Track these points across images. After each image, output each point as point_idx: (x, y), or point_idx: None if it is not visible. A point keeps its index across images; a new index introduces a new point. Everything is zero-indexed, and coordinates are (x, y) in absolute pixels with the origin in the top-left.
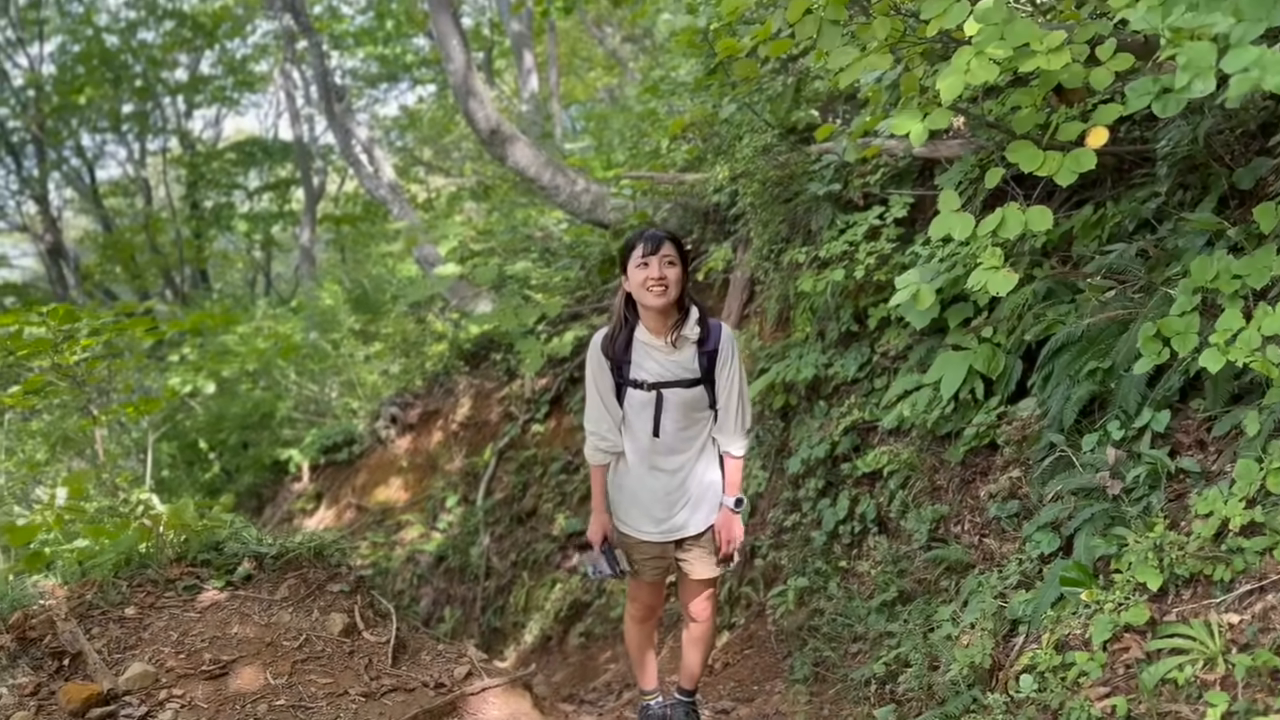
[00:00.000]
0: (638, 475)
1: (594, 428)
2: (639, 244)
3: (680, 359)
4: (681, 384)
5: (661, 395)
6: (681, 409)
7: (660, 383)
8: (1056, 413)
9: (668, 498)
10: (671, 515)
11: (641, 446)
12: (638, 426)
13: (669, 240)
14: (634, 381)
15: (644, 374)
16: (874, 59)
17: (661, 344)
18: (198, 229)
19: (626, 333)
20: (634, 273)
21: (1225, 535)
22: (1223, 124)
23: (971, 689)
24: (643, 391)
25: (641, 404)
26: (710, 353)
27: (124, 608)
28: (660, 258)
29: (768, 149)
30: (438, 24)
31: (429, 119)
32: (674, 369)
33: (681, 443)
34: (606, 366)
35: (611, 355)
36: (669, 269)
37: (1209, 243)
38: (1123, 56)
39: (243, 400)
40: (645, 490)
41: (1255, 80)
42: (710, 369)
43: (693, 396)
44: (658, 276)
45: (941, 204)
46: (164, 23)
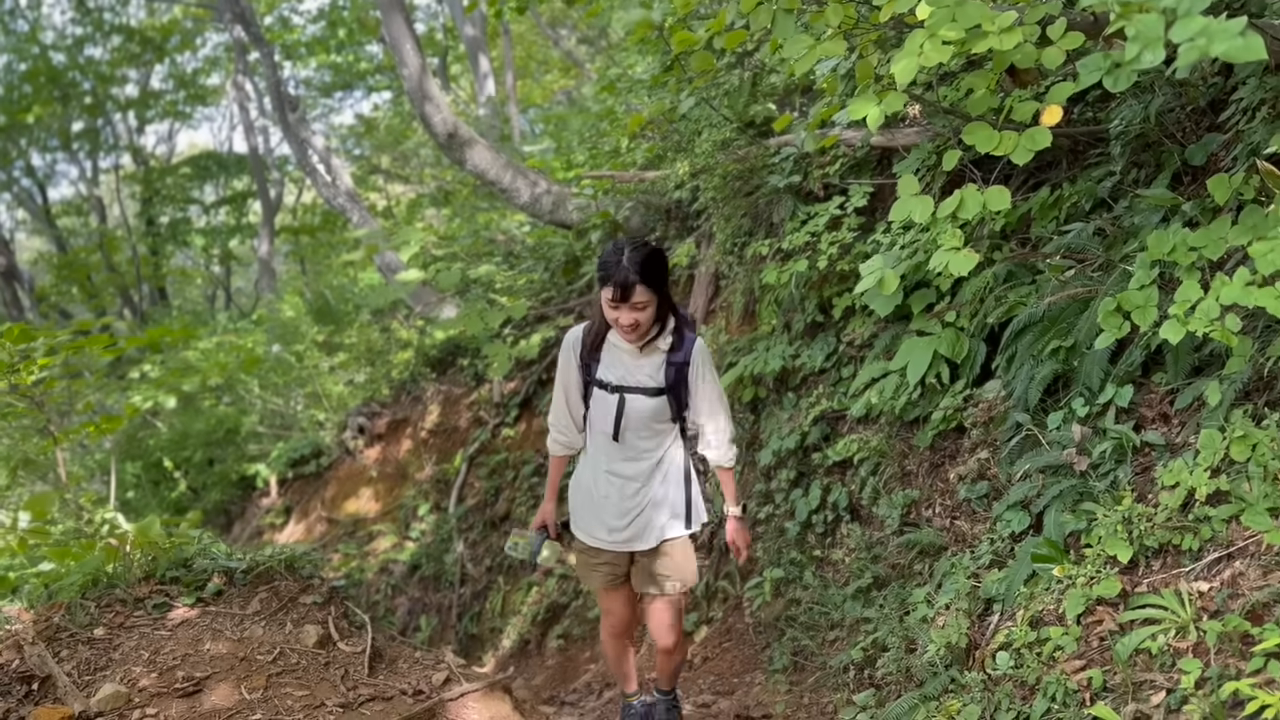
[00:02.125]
0: (594, 477)
1: (555, 421)
2: (609, 285)
3: (646, 365)
4: (645, 391)
5: (624, 398)
6: (642, 417)
7: (624, 386)
8: (1021, 393)
9: (621, 504)
10: (625, 525)
11: (601, 448)
12: (599, 427)
13: (640, 284)
14: (599, 381)
15: (610, 375)
16: (828, 46)
17: (627, 349)
18: (154, 246)
19: (602, 333)
20: (605, 306)
21: (1192, 505)
22: (1173, 102)
23: (949, 669)
24: (606, 392)
25: (605, 405)
26: (679, 365)
27: (93, 629)
28: (630, 306)
29: (727, 143)
30: (390, 28)
31: (385, 126)
32: (638, 375)
33: (641, 452)
34: (575, 363)
35: (581, 353)
36: (639, 314)
37: (1164, 218)
38: (1073, 35)
39: (207, 416)
40: (600, 494)
41: (1202, 48)
42: (676, 382)
43: (654, 406)
44: (627, 324)
45: (901, 189)
46: (111, 38)
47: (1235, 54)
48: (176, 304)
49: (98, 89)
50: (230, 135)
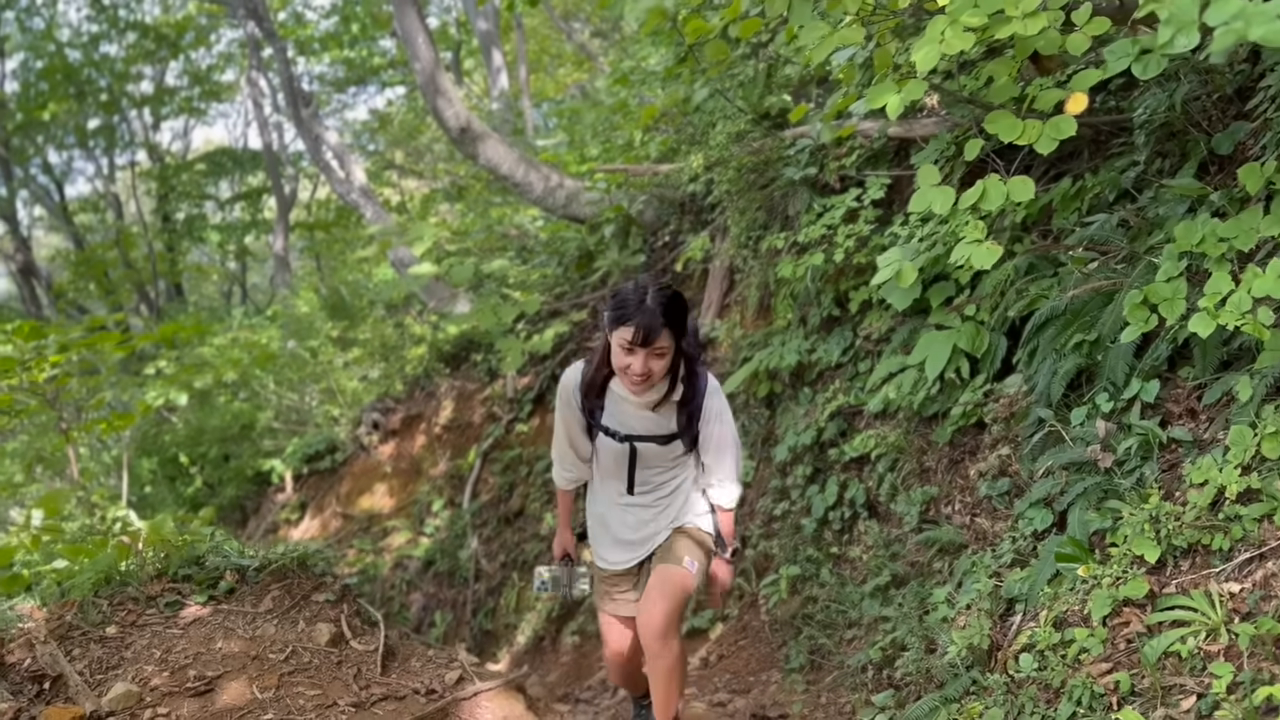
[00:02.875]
0: (607, 508)
1: (559, 460)
2: (629, 324)
3: (656, 417)
4: (656, 439)
5: (634, 448)
6: (657, 458)
7: (633, 435)
8: (1044, 388)
9: (638, 528)
10: (646, 538)
11: (612, 485)
12: (611, 472)
13: (666, 329)
14: (605, 429)
15: (615, 424)
16: (846, 34)
17: (634, 400)
18: (170, 242)
19: (602, 379)
20: (617, 350)
21: (1222, 503)
22: (1199, 90)
23: (970, 670)
24: (614, 441)
25: (613, 452)
26: (692, 411)
27: (105, 627)
28: (649, 352)
29: (741, 136)
30: (402, 22)
31: (399, 121)
32: (648, 424)
33: (656, 485)
34: (576, 407)
35: (582, 401)
36: (655, 361)
37: (1191, 209)
38: (1099, 21)
39: (222, 412)
40: (616, 520)
41: (1240, 32)
42: (690, 425)
43: (668, 450)
44: (640, 372)
45: (921, 179)
46: (126, 35)
47: (1273, 37)
48: (193, 300)
49: (113, 86)
50: (245, 131)
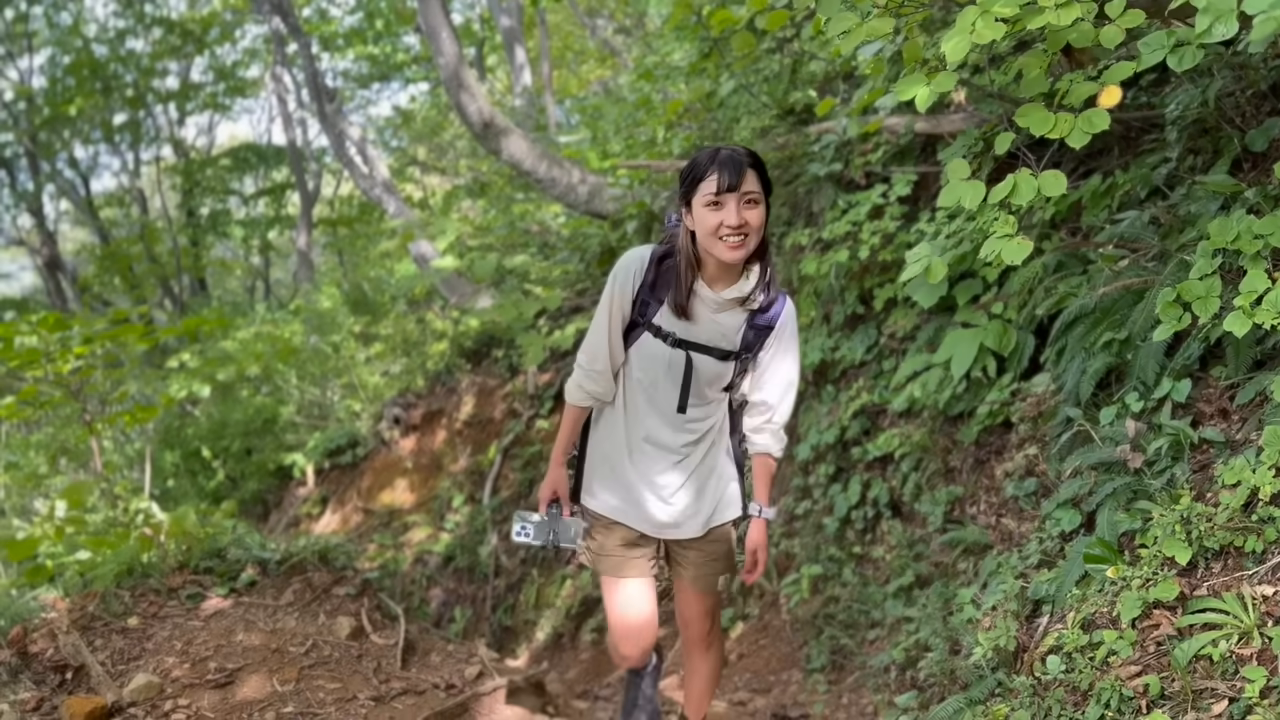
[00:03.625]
0: (625, 446)
1: (589, 362)
2: (711, 171)
3: (724, 321)
4: (714, 353)
5: (690, 358)
6: (705, 381)
7: (690, 342)
8: (1072, 387)
9: (663, 481)
10: (665, 507)
11: (640, 409)
12: (649, 388)
13: (751, 168)
14: (656, 328)
15: (674, 323)
16: (875, 25)
17: (711, 297)
18: (194, 237)
19: (695, 272)
20: (702, 214)
21: (1255, 505)
22: (1233, 85)
23: (996, 672)
24: (664, 345)
25: (660, 361)
26: (762, 328)
27: (127, 618)
28: (740, 197)
29: (766, 131)
30: (426, 17)
31: (422, 117)
32: (712, 331)
33: (690, 420)
34: (631, 293)
35: (643, 284)
36: (749, 211)
37: (1224, 206)
38: (1133, 13)
39: (245, 406)
40: (635, 469)
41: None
42: (755, 345)
43: (721, 370)
44: (735, 224)
45: (950, 173)
46: (152, 31)
47: None
48: (216, 294)
49: (139, 81)
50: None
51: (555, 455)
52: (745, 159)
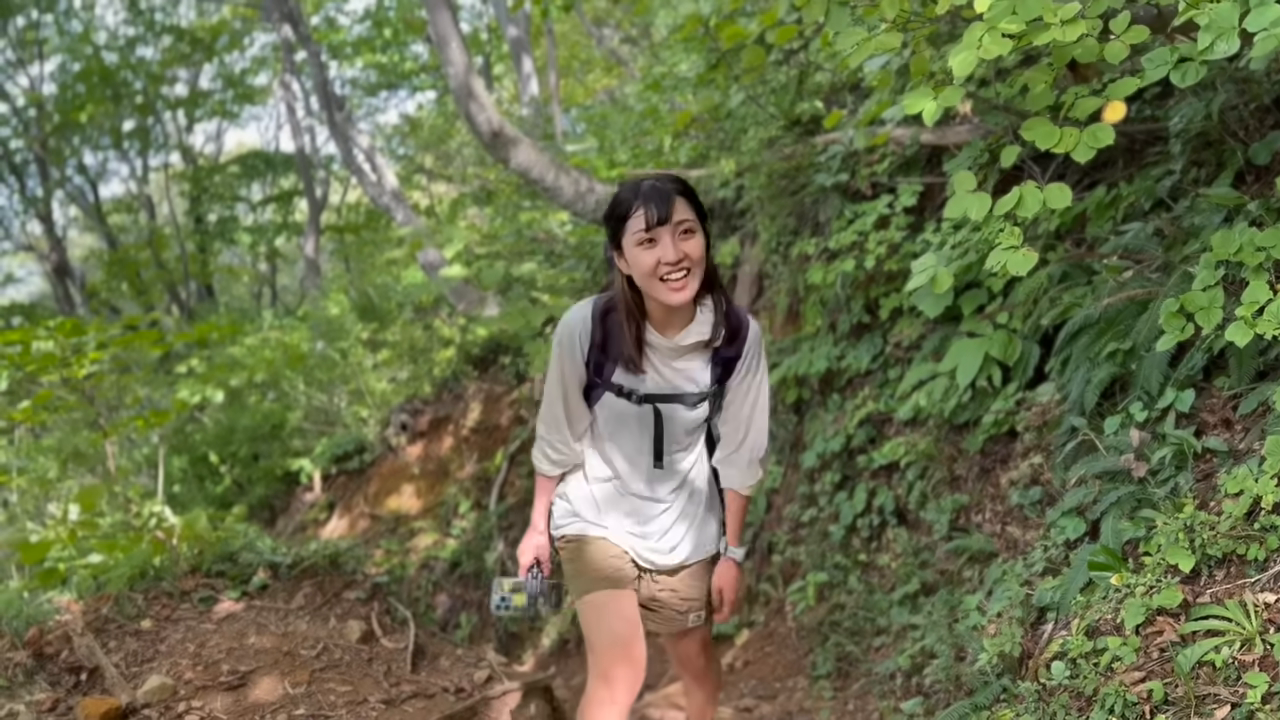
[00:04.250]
0: (598, 501)
1: (549, 433)
2: (637, 207)
3: (688, 366)
4: (686, 400)
5: (659, 413)
6: (682, 429)
7: (658, 395)
8: (1077, 396)
9: (650, 528)
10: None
11: (620, 463)
12: (625, 446)
13: (680, 195)
14: (617, 387)
15: (634, 380)
16: (884, 39)
17: (668, 345)
18: (202, 243)
19: (638, 321)
20: (636, 255)
21: (1257, 514)
22: (1236, 99)
23: (1001, 678)
24: (628, 403)
25: (628, 419)
26: (729, 360)
27: (140, 621)
28: (674, 228)
29: (773, 141)
30: (436, 26)
31: (429, 126)
32: (677, 379)
33: (675, 470)
34: (581, 357)
35: (591, 345)
36: (686, 242)
37: (1227, 218)
38: (1137, 29)
39: (252, 412)
40: (619, 514)
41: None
42: (725, 376)
43: (696, 415)
44: (674, 259)
45: (956, 185)
46: (162, 38)
47: None
48: (223, 300)
49: (148, 88)
50: (277, 134)
51: (535, 521)
52: (672, 187)
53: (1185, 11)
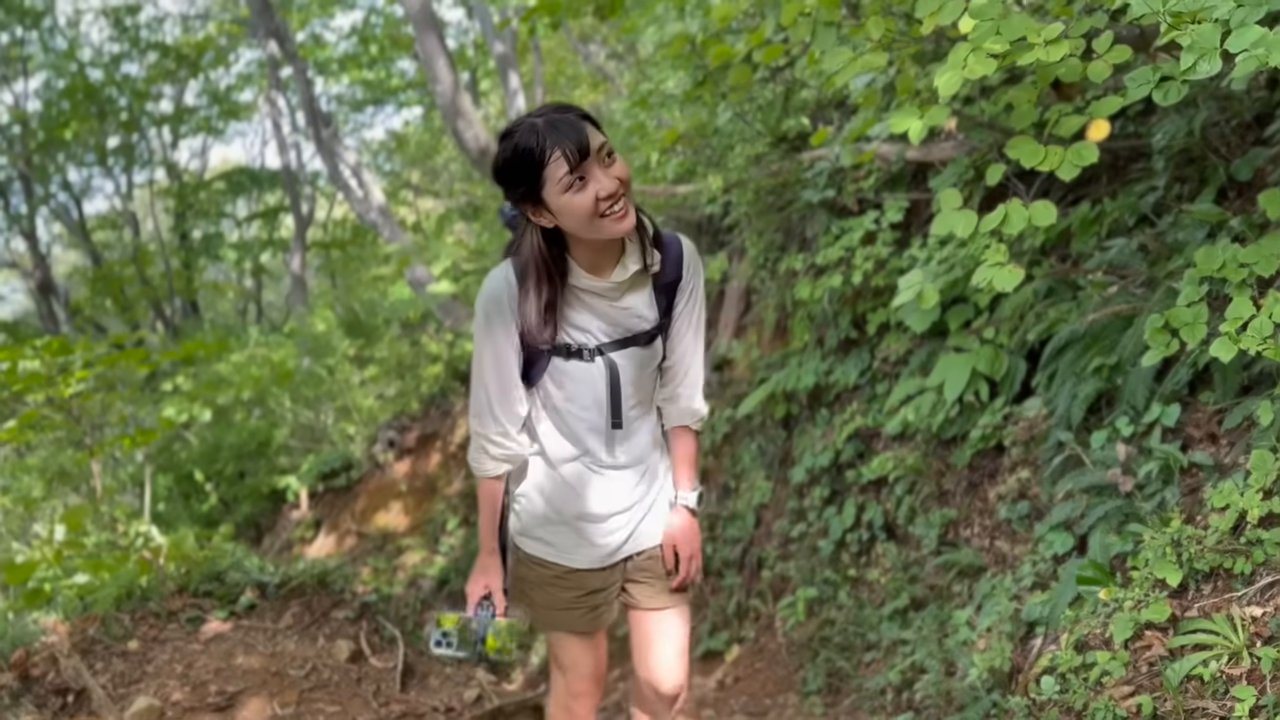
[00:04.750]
0: (575, 480)
1: (485, 425)
2: (553, 151)
3: (635, 303)
4: (638, 340)
5: (614, 364)
6: (638, 376)
7: (611, 343)
8: (1064, 411)
9: (622, 505)
10: (621, 527)
11: (582, 443)
12: (576, 413)
13: (583, 120)
14: (564, 347)
15: (583, 335)
16: (869, 59)
17: (607, 286)
18: (187, 260)
19: (555, 287)
20: (567, 201)
21: (1243, 528)
22: (1218, 116)
23: (991, 693)
24: (582, 362)
25: (580, 382)
26: (671, 285)
27: (127, 642)
28: (597, 157)
29: (760, 158)
30: (423, 45)
31: (416, 141)
32: (627, 319)
33: (638, 421)
34: (514, 319)
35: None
36: (616, 168)
37: (1210, 234)
38: (1120, 49)
39: (238, 430)
40: (588, 499)
41: (1261, 58)
42: (670, 308)
43: (651, 356)
44: (610, 191)
45: (942, 203)
46: (147, 55)
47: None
48: (209, 317)
49: (133, 105)
50: (263, 150)
51: (483, 539)
52: (573, 114)
53: (1168, 32)
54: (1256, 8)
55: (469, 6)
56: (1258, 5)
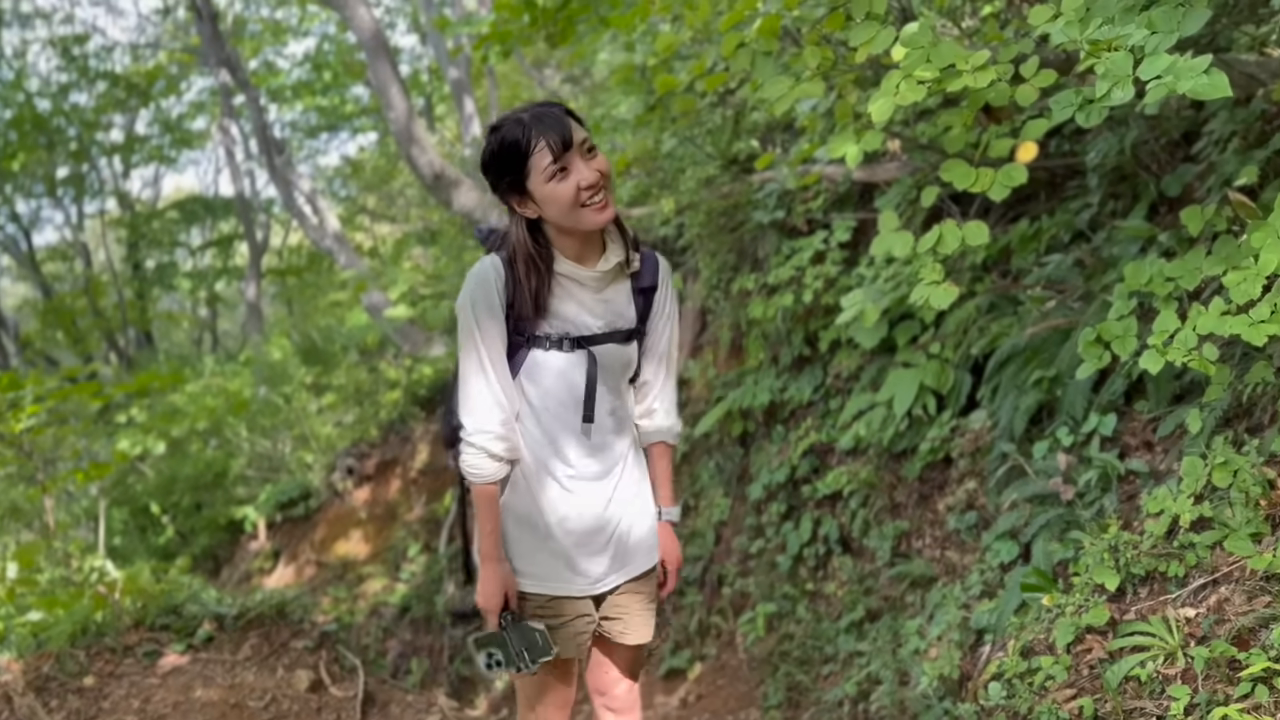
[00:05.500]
0: (547, 495)
1: (485, 421)
2: (537, 141)
3: (616, 298)
4: (617, 337)
5: (594, 356)
6: (614, 377)
7: (591, 336)
8: (1006, 423)
9: (596, 523)
10: (603, 551)
11: (548, 447)
12: (550, 409)
13: (566, 114)
14: (545, 337)
15: (565, 324)
16: (807, 87)
17: (591, 275)
18: (140, 290)
19: (541, 274)
20: (550, 190)
21: (1176, 532)
22: (1147, 134)
23: (942, 701)
24: (561, 353)
25: (562, 376)
26: (648, 290)
27: (82, 678)
28: (580, 149)
29: (711, 180)
30: (376, 72)
31: (372, 167)
32: (608, 314)
33: (609, 433)
34: (501, 306)
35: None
36: (597, 161)
37: (1142, 249)
38: (1046, 73)
39: (194, 461)
40: (561, 517)
41: (1170, 85)
42: (647, 313)
43: (627, 357)
44: (593, 180)
45: (882, 224)
46: (96, 85)
47: (1201, 91)
48: (163, 348)
49: (83, 135)
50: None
51: (486, 550)
52: (558, 110)
53: (1086, 59)
54: (1169, 35)
55: (422, 33)
56: (1170, 33)
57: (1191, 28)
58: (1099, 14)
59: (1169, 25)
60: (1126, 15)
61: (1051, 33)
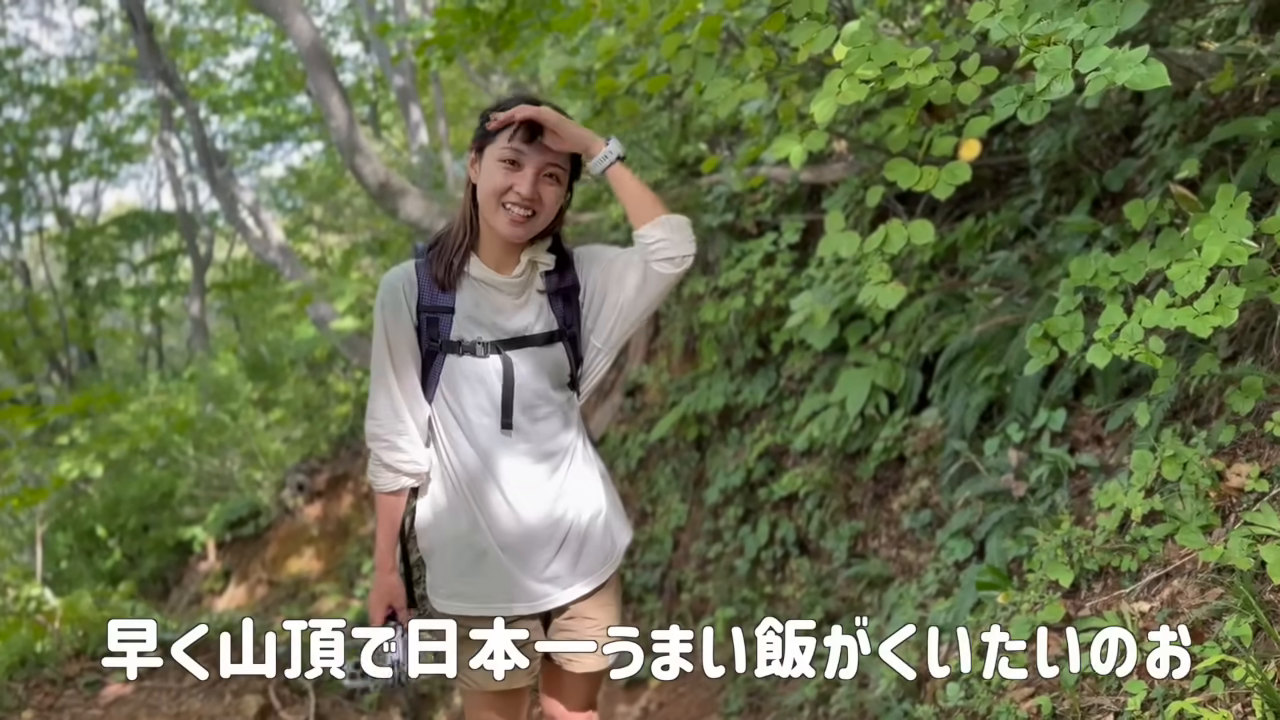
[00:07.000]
0: (487, 508)
1: (385, 430)
2: (520, 128)
3: (534, 301)
4: (537, 340)
5: (510, 361)
6: (538, 382)
7: (505, 340)
8: (958, 421)
9: (545, 524)
10: (542, 569)
11: (482, 456)
12: (471, 419)
13: (571, 158)
14: (457, 342)
15: (476, 328)
16: (750, 89)
17: (505, 280)
18: (82, 308)
19: (460, 256)
20: (493, 169)
21: (1129, 526)
22: (1089, 130)
23: (901, 703)
24: (476, 358)
25: (475, 379)
26: (568, 290)
27: (21, 712)
28: (541, 163)
29: (659, 185)
30: (316, 82)
31: (318, 177)
32: (525, 318)
33: (544, 440)
34: (410, 314)
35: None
36: (546, 187)
37: (1086, 244)
38: (987, 70)
39: (140, 481)
40: (502, 531)
41: (1109, 77)
42: (575, 317)
43: (552, 360)
44: (528, 195)
45: (828, 225)
46: (31, 99)
47: (1139, 82)
48: (108, 366)
49: (18, 151)
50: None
51: (381, 559)
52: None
53: (1026, 54)
54: (1107, 29)
55: (366, 41)
56: (1108, 27)
57: (1129, 21)
58: (1037, 9)
59: (1107, 19)
60: (1065, 10)
61: (991, 29)
